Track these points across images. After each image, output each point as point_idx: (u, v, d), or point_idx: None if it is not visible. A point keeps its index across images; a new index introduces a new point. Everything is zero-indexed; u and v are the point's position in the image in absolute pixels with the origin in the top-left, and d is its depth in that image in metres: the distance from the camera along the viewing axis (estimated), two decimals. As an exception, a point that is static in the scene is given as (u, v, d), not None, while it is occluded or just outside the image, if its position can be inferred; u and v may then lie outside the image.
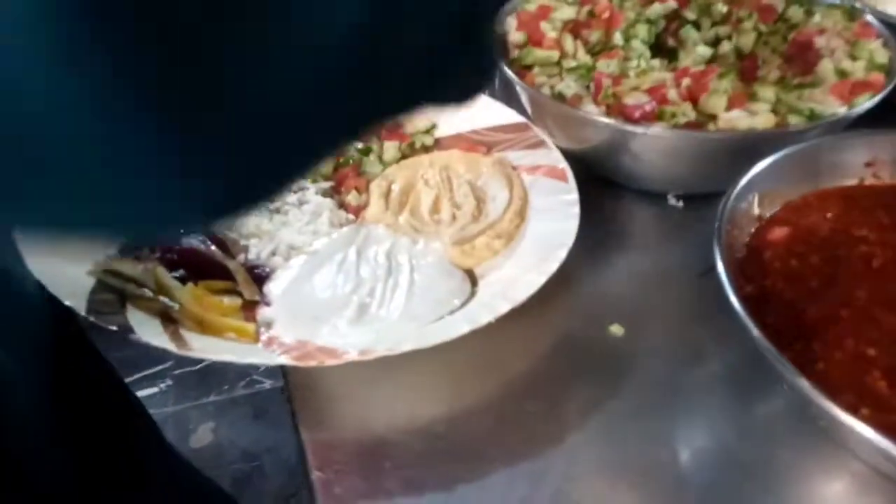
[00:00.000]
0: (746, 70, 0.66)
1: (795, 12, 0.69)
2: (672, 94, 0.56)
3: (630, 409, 0.50)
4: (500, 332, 0.50)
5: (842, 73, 0.59)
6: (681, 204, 0.64)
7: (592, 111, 0.57)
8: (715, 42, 0.69)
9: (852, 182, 0.55)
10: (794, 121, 0.55)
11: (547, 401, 0.50)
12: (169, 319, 0.52)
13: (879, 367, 0.42)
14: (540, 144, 0.65)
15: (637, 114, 0.55)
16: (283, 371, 0.52)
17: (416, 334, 0.50)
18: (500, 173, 0.65)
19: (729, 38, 0.68)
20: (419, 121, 0.71)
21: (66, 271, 0.53)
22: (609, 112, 0.58)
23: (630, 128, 0.55)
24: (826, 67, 0.60)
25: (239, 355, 0.48)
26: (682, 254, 0.61)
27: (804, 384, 0.37)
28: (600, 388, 0.51)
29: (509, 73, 0.61)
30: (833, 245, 0.51)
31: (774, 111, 0.56)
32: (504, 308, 0.50)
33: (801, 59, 0.64)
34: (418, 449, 0.48)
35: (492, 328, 0.50)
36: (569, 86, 0.59)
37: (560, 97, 0.60)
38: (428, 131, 0.71)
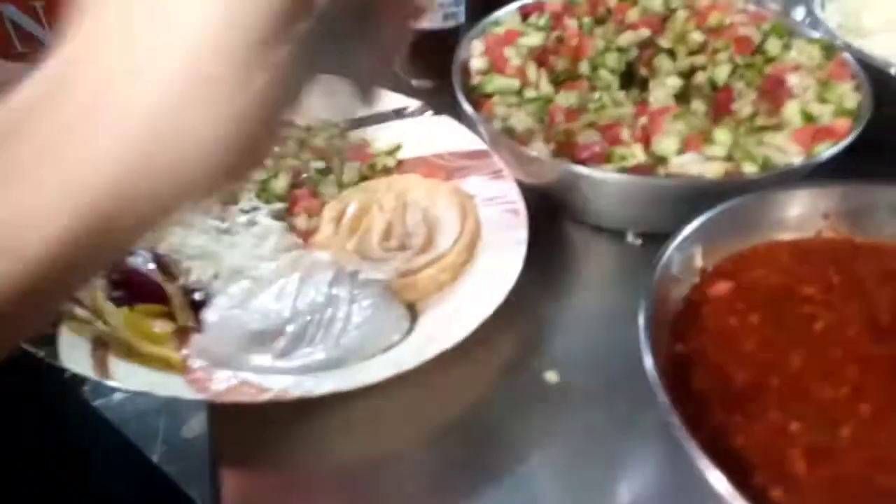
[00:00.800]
0: (720, 103, 0.64)
1: (773, 45, 0.66)
2: (625, 133, 0.54)
3: (561, 458, 0.49)
4: (432, 373, 0.49)
5: (808, 117, 0.57)
6: (639, 241, 0.63)
7: (541, 149, 0.56)
8: (689, 73, 0.67)
9: (808, 235, 0.53)
10: (749, 168, 0.53)
11: (472, 450, 0.49)
12: (101, 343, 0.52)
13: (800, 445, 0.40)
14: (499, 175, 0.64)
15: (585, 154, 0.54)
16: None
17: (340, 375, 0.49)
18: (455, 203, 0.63)
19: (704, 68, 0.66)
20: (382, 141, 0.70)
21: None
22: (559, 149, 0.56)
23: (576, 169, 0.53)
24: (792, 109, 0.58)
25: (160, 388, 0.48)
26: (633, 295, 0.59)
27: (704, 463, 0.36)
28: (529, 438, 0.50)
29: (464, 102, 0.60)
30: (776, 304, 0.49)
31: (730, 156, 0.54)
32: (431, 352, 0.49)
33: (773, 96, 0.61)
34: (337, 494, 0.47)
35: (424, 369, 0.49)
36: (521, 120, 0.57)
37: (511, 131, 0.58)
38: (391, 152, 0.70)
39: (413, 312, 0.57)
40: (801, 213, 0.52)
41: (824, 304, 0.48)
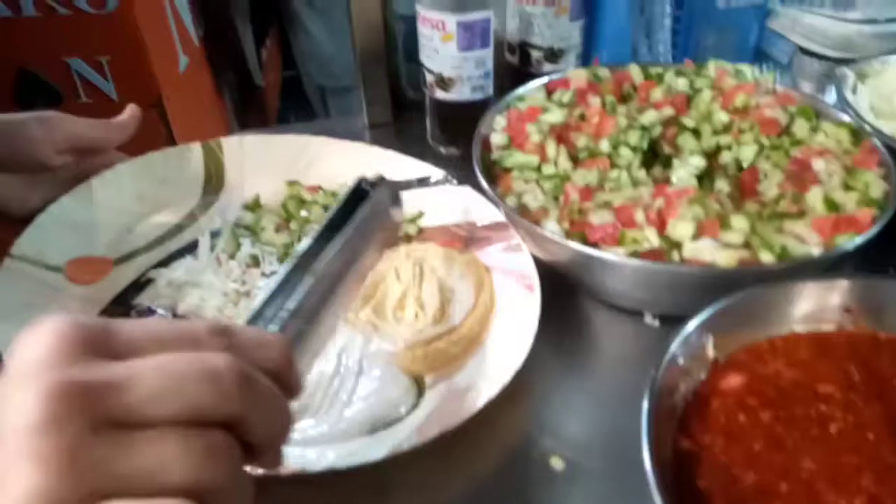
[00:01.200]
0: (745, 183, 0.63)
1: (800, 127, 0.65)
2: (639, 216, 0.54)
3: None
4: (435, 451, 0.48)
5: (831, 205, 0.55)
6: (657, 323, 0.61)
7: (553, 228, 0.55)
8: (714, 153, 0.66)
9: (828, 328, 0.51)
10: (766, 257, 0.52)
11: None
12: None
13: (807, 558, 0.38)
14: (516, 248, 0.63)
15: (598, 235, 0.53)
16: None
17: (339, 452, 0.49)
18: (472, 274, 0.64)
19: (729, 148, 0.66)
20: (406, 208, 0.71)
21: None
22: (573, 229, 0.56)
23: (587, 251, 0.53)
24: (815, 196, 0.56)
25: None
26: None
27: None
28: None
29: (480, 177, 0.60)
30: (790, 401, 0.47)
31: (748, 243, 0.53)
32: (432, 433, 0.48)
33: (798, 180, 0.60)
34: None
35: (427, 445, 0.48)
36: (536, 198, 0.58)
37: (525, 209, 0.58)
38: (413, 220, 0.71)
39: (420, 385, 0.56)
40: (821, 306, 0.51)
41: (843, 404, 0.46)
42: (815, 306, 0.51)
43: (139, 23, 1.32)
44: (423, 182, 0.73)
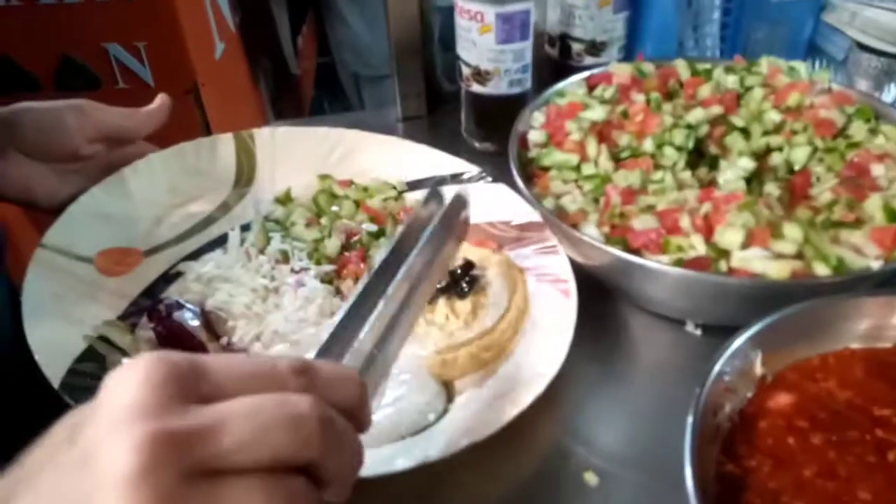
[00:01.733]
0: (796, 187, 0.60)
1: (858, 129, 0.61)
2: (685, 222, 0.51)
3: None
4: (465, 460, 0.47)
5: (891, 214, 0.52)
6: (699, 332, 0.59)
7: (592, 234, 0.53)
8: (764, 154, 0.63)
9: (885, 346, 0.48)
10: (820, 269, 0.49)
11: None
12: (139, 398, 0.52)
13: None
14: (552, 250, 0.61)
15: (640, 241, 0.51)
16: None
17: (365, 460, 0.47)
18: (505, 275, 0.61)
19: (780, 149, 0.62)
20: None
21: (60, 333, 0.55)
22: (613, 233, 0.53)
23: (629, 258, 0.50)
24: (874, 204, 0.53)
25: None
26: (688, 391, 0.55)
27: None
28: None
29: (517, 177, 0.58)
30: (844, 424, 0.44)
31: (801, 253, 0.50)
32: (462, 443, 0.47)
33: (854, 185, 0.57)
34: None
35: (456, 454, 0.47)
36: (574, 200, 0.55)
37: (563, 212, 0.56)
38: (446, 218, 0.69)
39: (450, 392, 0.55)
40: (878, 324, 0.47)
41: (901, 429, 0.43)
42: (872, 323, 0.48)
43: (177, 8, 1.33)
44: (456, 178, 0.71)
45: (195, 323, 0.57)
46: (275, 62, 1.94)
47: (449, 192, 0.69)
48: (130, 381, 0.25)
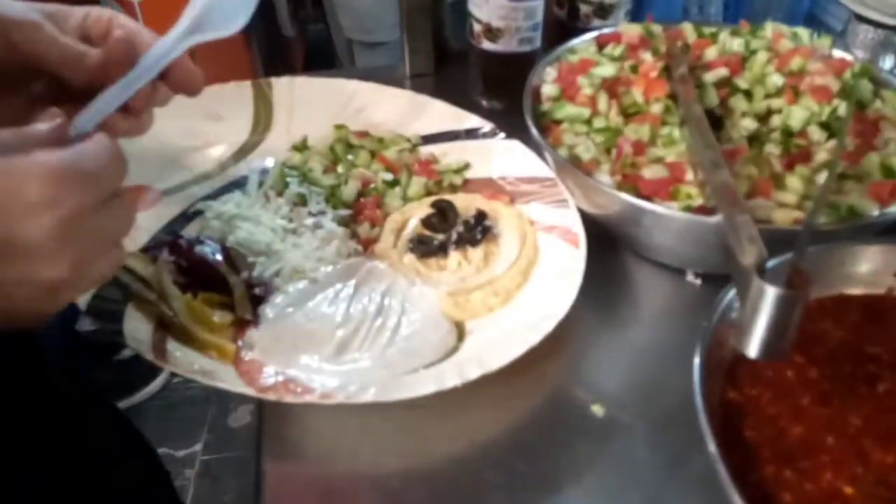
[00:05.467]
0: (796, 148, 0.62)
1: (865, 88, 0.64)
2: (690, 175, 0.54)
3: (600, 494, 0.48)
4: (477, 391, 0.49)
5: (888, 172, 0.55)
6: (699, 281, 0.62)
7: (605, 181, 0.55)
8: (765, 116, 0.66)
9: (878, 291, 0.51)
10: (827, 218, 0.52)
11: (508, 474, 0.49)
12: (162, 326, 0.54)
13: (852, 510, 0.39)
14: (562, 204, 0.63)
15: (651, 189, 0.53)
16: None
17: (383, 385, 0.50)
18: (516, 227, 0.64)
19: (779, 111, 0.65)
20: (453, 159, 0.71)
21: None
22: (625, 182, 0.56)
23: (639, 203, 0.53)
24: (871, 161, 0.56)
25: (208, 377, 0.49)
26: (686, 335, 0.57)
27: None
28: (568, 469, 0.50)
29: (531, 126, 0.60)
30: (838, 359, 0.47)
31: (799, 205, 0.52)
32: (474, 374, 0.49)
33: (865, 139, 0.59)
34: (369, 501, 0.48)
35: (469, 387, 0.49)
36: (588, 149, 0.57)
37: (577, 159, 0.58)
38: (458, 170, 0.71)
39: (461, 331, 0.57)
40: (872, 269, 0.51)
41: (890, 365, 0.46)
42: (866, 270, 0.51)
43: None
44: (471, 133, 0.72)
45: (217, 257, 0.59)
46: (267, 23, 1.93)
47: (463, 146, 0.71)
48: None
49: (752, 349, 0.39)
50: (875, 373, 0.46)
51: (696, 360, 0.43)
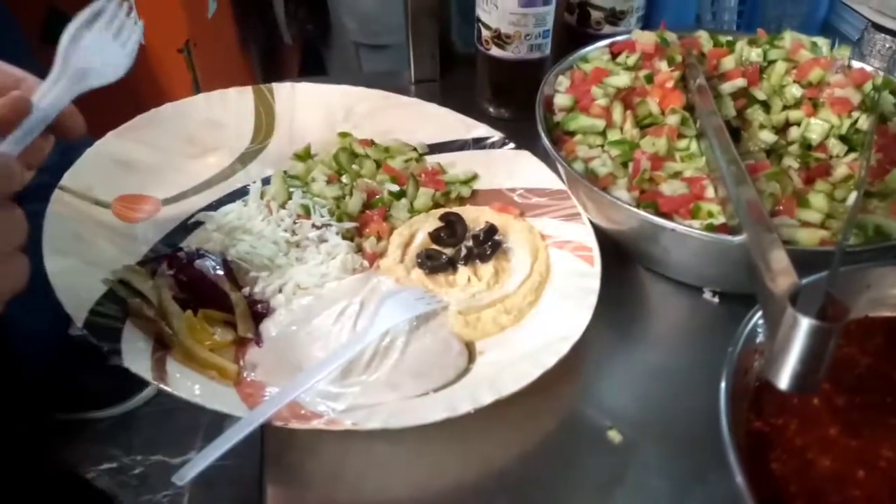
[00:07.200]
0: (815, 161, 0.61)
1: (886, 100, 0.62)
2: (709, 192, 0.52)
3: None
4: (488, 414, 0.47)
5: (913, 189, 0.53)
6: (716, 300, 0.60)
7: (622, 196, 0.53)
8: (784, 127, 0.64)
9: (904, 315, 0.49)
10: (854, 239, 0.50)
11: (525, 500, 0.47)
12: (162, 345, 0.52)
13: (888, 550, 0.37)
14: (575, 217, 0.61)
15: (670, 205, 0.51)
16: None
17: (392, 411, 0.48)
18: (527, 241, 0.62)
19: (798, 124, 0.63)
20: (460, 169, 0.69)
21: (81, 276, 0.54)
22: (643, 197, 0.54)
23: (657, 221, 0.51)
24: (895, 179, 0.54)
25: (207, 399, 0.47)
26: (705, 356, 0.56)
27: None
28: (586, 499, 0.48)
29: (544, 139, 0.58)
30: (866, 387, 0.45)
31: (825, 224, 0.51)
32: (487, 399, 0.47)
33: (886, 154, 0.57)
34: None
35: (480, 410, 0.47)
36: (604, 163, 0.55)
37: (592, 174, 0.56)
38: (467, 181, 0.69)
39: (471, 351, 0.55)
40: (898, 292, 0.49)
41: (920, 393, 0.45)
42: (892, 291, 0.49)
43: (169, -37, 1.29)
44: (479, 143, 0.70)
45: (218, 272, 0.57)
46: (266, 26, 1.90)
47: (470, 156, 0.69)
48: None
49: (784, 381, 0.37)
50: (904, 402, 0.44)
51: (722, 387, 0.41)
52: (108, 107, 0.63)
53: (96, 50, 0.49)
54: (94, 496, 0.52)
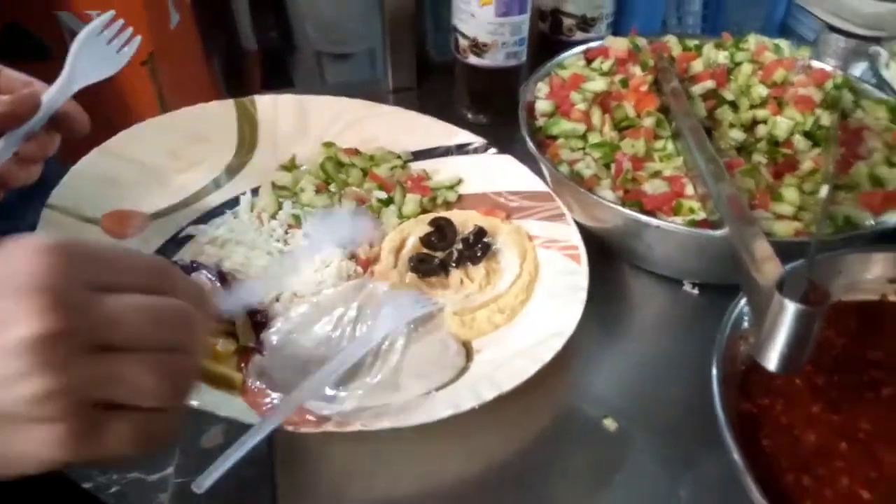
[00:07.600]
0: (782, 157, 0.64)
1: (847, 98, 0.66)
2: (689, 189, 0.55)
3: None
4: (489, 412, 0.49)
5: (876, 181, 0.57)
6: (696, 291, 0.63)
7: (607, 196, 0.56)
8: (751, 126, 0.67)
9: (873, 297, 0.53)
10: (825, 229, 0.53)
11: (528, 494, 0.49)
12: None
13: (872, 515, 0.40)
14: (559, 218, 0.64)
15: (654, 203, 0.54)
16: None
17: (398, 410, 0.49)
18: (515, 243, 0.64)
19: (765, 122, 0.67)
20: (445, 175, 0.71)
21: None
22: (626, 197, 0.56)
23: (642, 218, 0.53)
24: (860, 171, 0.58)
25: (216, 406, 0.48)
26: (689, 345, 0.59)
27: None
28: (586, 486, 0.50)
29: (530, 144, 0.60)
30: (842, 366, 0.48)
31: (797, 216, 0.54)
32: (489, 395, 0.49)
33: (849, 148, 0.61)
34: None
35: (481, 407, 0.49)
36: (588, 165, 0.58)
37: (578, 176, 0.58)
38: (452, 187, 0.70)
39: (469, 350, 0.57)
40: (868, 277, 0.52)
41: (892, 370, 0.48)
42: (863, 278, 0.53)
43: (131, -25, 1.27)
44: (462, 149, 0.72)
45: (215, 284, 0.57)
46: (228, 35, 1.89)
47: (454, 162, 0.71)
48: (34, 259, 0.27)
49: (773, 363, 0.40)
50: (878, 378, 0.47)
51: (714, 373, 0.44)
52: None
53: (99, 57, 0.54)
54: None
